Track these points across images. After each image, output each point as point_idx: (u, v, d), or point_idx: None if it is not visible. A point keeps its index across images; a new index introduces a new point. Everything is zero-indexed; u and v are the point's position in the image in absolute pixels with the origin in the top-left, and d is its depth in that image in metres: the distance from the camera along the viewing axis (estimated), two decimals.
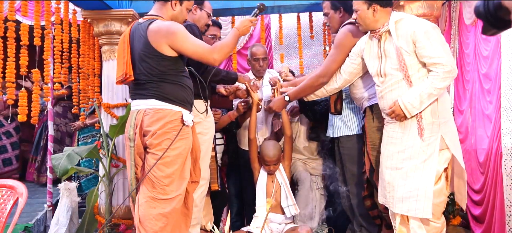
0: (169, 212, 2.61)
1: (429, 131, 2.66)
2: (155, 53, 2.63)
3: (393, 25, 2.74)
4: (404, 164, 2.68)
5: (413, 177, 2.64)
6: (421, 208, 2.60)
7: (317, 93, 3.34)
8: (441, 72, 2.56)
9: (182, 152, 2.68)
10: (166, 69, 2.66)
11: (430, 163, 2.63)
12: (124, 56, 2.69)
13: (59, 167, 3.73)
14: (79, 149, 4.04)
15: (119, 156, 4.12)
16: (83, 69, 4.46)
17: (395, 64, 2.70)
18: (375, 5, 2.79)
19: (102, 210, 4.08)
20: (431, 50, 2.59)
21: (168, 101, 2.66)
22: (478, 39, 3.58)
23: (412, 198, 2.62)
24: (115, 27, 4.16)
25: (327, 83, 3.26)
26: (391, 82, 2.76)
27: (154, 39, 2.63)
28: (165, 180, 2.61)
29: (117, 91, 4.22)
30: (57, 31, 4.27)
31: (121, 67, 2.71)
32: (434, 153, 2.64)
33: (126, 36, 2.74)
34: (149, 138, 2.64)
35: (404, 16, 2.81)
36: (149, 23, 2.67)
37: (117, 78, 2.77)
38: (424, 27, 2.66)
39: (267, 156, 3.48)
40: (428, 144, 2.65)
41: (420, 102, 2.60)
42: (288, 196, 3.49)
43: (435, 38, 2.64)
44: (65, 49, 4.31)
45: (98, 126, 4.38)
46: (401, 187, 2.67)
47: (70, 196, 4.24)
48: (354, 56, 3.10)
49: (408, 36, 2.65)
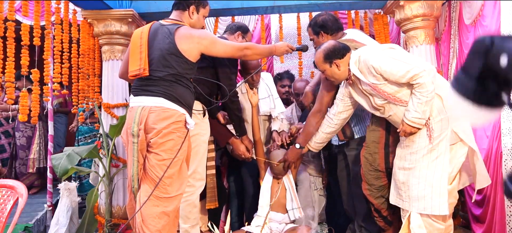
0: (171, 210, 2.67)
1: (439, 128, 2.68)
2: (179, 55, 2.72)
3: (355, 68, 2.79)
4: (417, 163, 2.70)
5: (426, 175, 2.65)
6: (437, 206, 2.62)
7: (327, 130, 3.23)
8: (421, 80, 2.57)
9: (183, 153, 2.74)
10: (184, 72, 2.75)
11: (442, 159, 2.65)
12: (141, 52, 2.75)
13: (59, 167, 3.71)
14: (79, 149, 4.02)
15: (119, 156, 4.11)
16: (83, 69, 4.45)
17: (381, 98, 2.76)
18: (334, 61, 2.88)
19: (102, 210, 4.07)
20: (397, 71, 2.61)
21: (176, 102, 2.70)
22: None
23: (427, 196, 2.64)
24: (115, 27, 4.15)
25: (332, 126, 3.19)
26: (388, 110, 2.82)
27: (184, 43, 2.73)
28: (167, 180, 2.65)
29: (117, 91, 4.22)
30: (57, 31, 4.26)
31: (137, 62, 2.75)
32: (446, 148, 2.65)
33: (145, 33, 2.81)
34: (154, 136, 2.65)
35: (360, 53, 2.84)
36: (177, 27, 2.78)
37: (131, 72, 2.79)
38: (378, 57, 2.70)
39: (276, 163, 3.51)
40: (439, 141, 2.66)
41: (422, 111, 2.62)
42: (293, 199, 3.52)
43: (393, 59, 2.66)
44: (65, 49, 4.29)
45: (98, 126, 4.36)
46: (415, 185, 2.69)
47: (70, 196, 4.23)
48: (345, 98, 3.09)
49: (372, 72, 2.69)
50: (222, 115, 3.56)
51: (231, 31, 3.54)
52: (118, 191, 4.14)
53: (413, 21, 3.89)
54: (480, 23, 3.48)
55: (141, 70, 2.72)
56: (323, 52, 2.94)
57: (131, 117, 2.73)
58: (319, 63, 2.98)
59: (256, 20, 5.39)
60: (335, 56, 2.89)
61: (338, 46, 2.93)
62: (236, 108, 3.40)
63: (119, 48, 4.23)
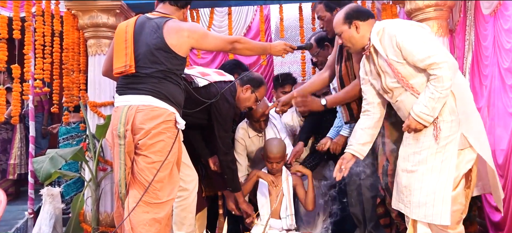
0: (162, 217, 2.65)
1: (448, 129, 2.57)
2: (168, 50, 2.69)
3: (376, 39, 2.68)
4: (420, 166, 2.61)
5: (430, 180, 2.57)
6: (438, 214, 2.53)
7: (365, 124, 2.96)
8: (439, 72, 2.46)
9: (173, 155, 2.72)
10: (174, 68, 2.72)
11: (448, 164, 2.56)
12: (127, 47, 2.71)
13: (41, 170, 3.62)
14: (63, 151, 3.92)
15: (107, 158, 4.01)
16: (67, 65, 4.32)
17: (393, 78, 2.66)
18: (355, 21, 2.77)
19: (88, 217, 3.98)
20: (417, 53, 2.52)
21: (165, 100, 2.67)
22: (499, 30, 3.44)
23: (428, 203, 2.56)
24: (102, 19, 4.03)
25: (371, 118, 2.93)
26: (397, 95, 2.72)
27: (173, 37, 2.70)
28: (157, 184, 2.63)
29: (104, 88, 4.10)
30: (38, 23, 4.14)
31: (122, 59, 2.71)
32: (453, 153, 2.56)
33: (130, 27, 2.76)
34: (142, 137, 2.62)
35: (385, 24, 2.73)
36: (165, 20, 2.75)
37: (116, 69, 2.73)
38: (404, 30, 2.60)
39: (271, 152, 3.45)
40: (447, 143, 2.57)
41: (432, 108, 2.51)
42: (288, 207, 3.48)
43: (419, 37, 2.56)
44: (47, 43, 4.17)
45: (83, 126, 4.32)
46: (417, 191, 2.60)
47: (53, 203, 4.12)
48: (366, 80, 2.94)
49: (393, 45, 2.59)
50: (213, 162, 3.49)
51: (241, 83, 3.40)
52: (105, 197, 4.03)
53: (425, 12, 3.75)
54: (501, 13, 3.38)
55: (127, 67, 2.68)
56: (345, 11, 2.83)
57: (116, 117, 2.68)
58: (338, 24, 2.84)
59: (255, 11, 5.36)
60: (357, 17, 2.77)
61: (362, 8, 2.86)
62: (231, 160, 3.32)
63: (106, 42, 4.11)
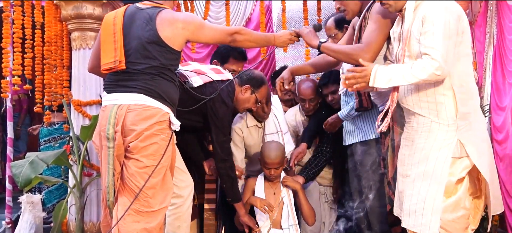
0: (154, 227, 2.56)
1: (444, 133, 2.46)
2: (161, 44, 2.59)
3: (411, 5, 2.49)
4: (412, 170, 2.55)
5: (421, 186, 2.49)
6: (426, 224, 2.44)
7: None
8: (426, 62, 2.31)
9: (167, 159, 2.63)
10: (168, 63, 2.62)
11: (440, 170, 2.46)
12: (116, 41, 2.59)
13: (20, 176, 3.52)
14: (44, 155, 3.82)
15: (93, 162, 3.93)
16: (49, 60, 4.23)
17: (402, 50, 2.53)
18: None
19: (72, 227, 3.89)
20: (429, 38, 2.36)
21: (159, 99, 2.57)
22: None
23: (417, 212, 2.48)
24: (87, 9, 3.93)
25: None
26: None
27: (167, 29, 2.60)
28: (149, 191, 2.52)
29: (90, 86, 4.00)
30: (17, 14, 4.02)
31: (111, 54, 2.59)
32: (446, 160, 2.46)
33: (119, 19, 2.64)
34: (133, 139, 2.51)
35: None
36: (158, 10, 2.64)
37: (104, 66, 2.62)
38: (438, 10, 2.38)
39: (268, 157, 3.34)
40: (440, 148, 2.47)
41: (389, 79, 2.38)
42: (290, 216, 3.40)
43: (443, 28, 2.35)
44: (27, 36, 4.06)
45: (67, 127, 4.16)
46: (408, 198, 2.54)
47: (33, 211, 4.06)
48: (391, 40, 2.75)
49: (421, 18, 2.41)
50: (208, 166, 3.40)
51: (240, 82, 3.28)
52: (91, 205, 3.96)
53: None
54: None
55: (117, 62, 2.56)
56: None
57: (105, 117, 2.57)
58: None
59: (255, 2, 5.24)
60: None
61: None
62: (229, 167, 3.20)
63: (91, 34, 4.00)
